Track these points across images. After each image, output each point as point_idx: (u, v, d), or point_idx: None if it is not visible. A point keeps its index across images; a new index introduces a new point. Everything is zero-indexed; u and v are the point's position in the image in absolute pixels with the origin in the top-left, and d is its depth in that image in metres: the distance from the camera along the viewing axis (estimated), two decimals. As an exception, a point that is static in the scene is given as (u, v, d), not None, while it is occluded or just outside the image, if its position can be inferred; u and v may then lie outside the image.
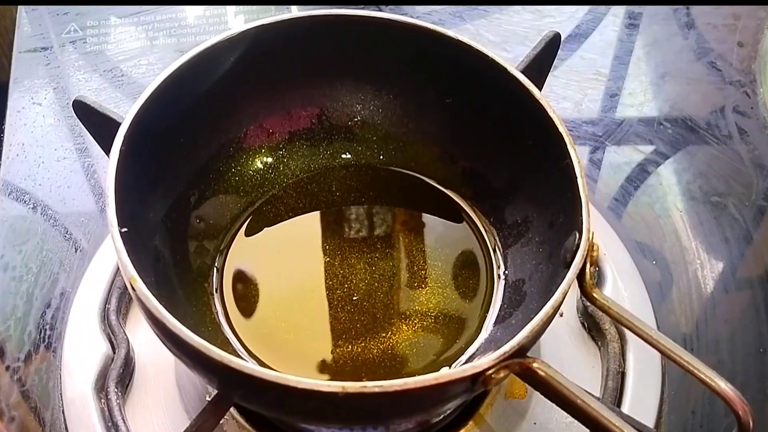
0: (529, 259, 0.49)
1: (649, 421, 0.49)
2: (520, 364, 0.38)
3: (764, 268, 0.60)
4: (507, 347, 0.37)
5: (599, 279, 0.56)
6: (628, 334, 0.53)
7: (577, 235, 0.41)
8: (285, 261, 0.53)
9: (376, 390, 0.35)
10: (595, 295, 0.42)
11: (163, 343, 0.39)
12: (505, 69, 0.48)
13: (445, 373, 0.36)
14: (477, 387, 0.38)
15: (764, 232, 0.61)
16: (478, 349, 0.48)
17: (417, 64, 0.53)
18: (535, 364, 0.38)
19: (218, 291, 0.51)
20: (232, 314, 0.50)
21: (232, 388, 0.39)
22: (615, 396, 0.50)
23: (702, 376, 0.38)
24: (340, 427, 0.45)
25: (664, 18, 0.77)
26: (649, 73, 0.73)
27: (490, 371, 0.37)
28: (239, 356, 0.48)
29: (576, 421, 0.42)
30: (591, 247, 0.41)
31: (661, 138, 0.68)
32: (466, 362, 0.48)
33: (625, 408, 0.50)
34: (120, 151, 0.42)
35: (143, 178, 0.46)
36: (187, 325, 0.37)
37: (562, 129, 0.45)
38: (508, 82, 0.48)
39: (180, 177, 0.51)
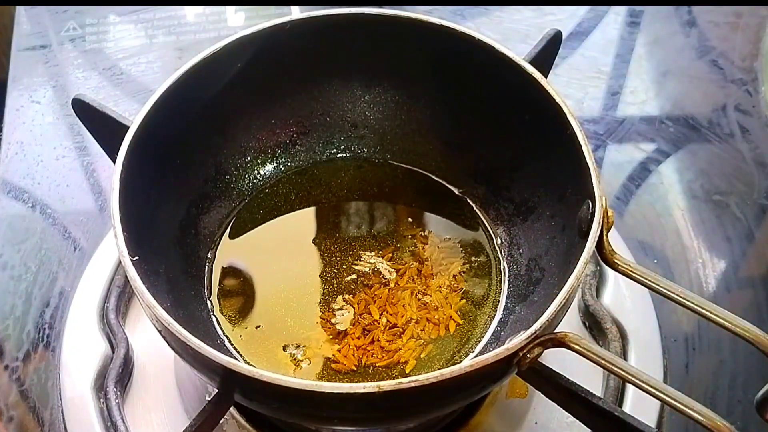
0: (542, 235, 0.50)
1: (651, 420, 0.49)
2: (553, 339, 0.37)
3: (766, 266, 0.59)
4: (538, 324, 0.37)
5: (600, 278, 0.56)
6: (629, 332, 0.53)
7: (590, 203, 0.41)
8: (281, 260, 0.53)
9: (413, 385, 0.34)
10: (616, 260, 0.41)
11: (183, 359, 0.40)
12: (493, 47, 0.48)
13: (480, 359, 0.35)
14: (512, 369, 0.38)
15: (766, 230, 0.61)
16: (503, 332, 0.48)
17: (402, 55, 0.53)
18: (567, 338, 0.37)
19: (213, 291, 0.51)
20: (227, 312, 0.50)
21: (274, 404, 0.39)
22: (616, 395, 0.50)
23: (738, 329, 0.37)
24: (370, 428, 0.45)
25: (665, 16, 0.77)
26: (651, 72, 0.73)
27: (525, 350, 0.37)
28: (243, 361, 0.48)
29: (577, 421, 0.42)
30: (606, 213, 0.41)
31: (663, 136, 0.67)
32: (486, 347, 0.48)
33: (627, 407, 0.50)
34: (120, 180, 0.42)
35: (146, 205, 0.46)
36: (199, 336, 0.37)
37: (558, 99, 0.45)
38: (498, 61, 0.48)
39: (181, 198, 0.51)
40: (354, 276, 0.51)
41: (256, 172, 0.56)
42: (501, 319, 0.50)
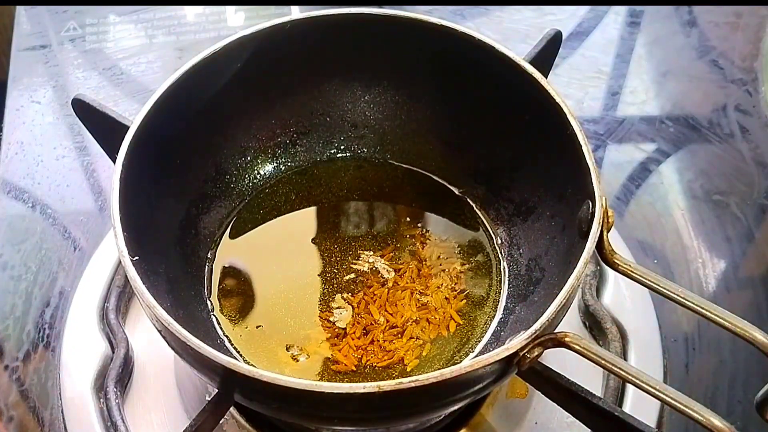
0: (542, 235, 0.50)
1: (651, 420, 0.49)
2: (553, 339, 0.37)
3: (766, 266, 0.59)
4: (538, 324, 0.37)
5: (600, 278, 0.56)
6: (629, 332, 0.53)
7: (590, 203, 0.41)
8: (280, 260, 0.53)
9: (413, 385, 0.34)
10: (616, 260, 0.41)
11: (183, 359, 0.40)
12: (493, 47, 0.48)
13: (480, 359, 0.36)
14: (512, 369, 0.38)
15: (766, 230, 0.61)
16: (503, 332, 0.48)
17: (402, 55, 0.53)
18: (567, 338, 0.37)
19: (213, 290, 0.51)
20: (227, 311, 0.50)
21: (278, 404, 0.39)
22: (616, 395, 0.50)
23: (737, 329, 0.37)
24: (370, 428, 0.45)
25: (665, 16, 0.77)
26: (651, 72, 0.73)
27: (524, 350, 0.37)
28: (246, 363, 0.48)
29: (577, 421, 0.42)
30: (606, 213, 0.41)
31: (663, 136, 0.67)
32: (486, 347, 0.48)
33: (627, 407, 0.50)
34: (120, 180, 0.42)
35: (146, 205, 0.46)
36: (199, 336, 0.37)
37: (559, 99, 0.45)
38: (498, 61, 0.48)
39: (181, 198, 0.51)
40: (353, 275, 0.51)
41: (256, 172, 0.56)
42: (501, 319, 0.50)
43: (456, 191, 0.56)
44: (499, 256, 0.53)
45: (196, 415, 0.40)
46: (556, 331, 0.39)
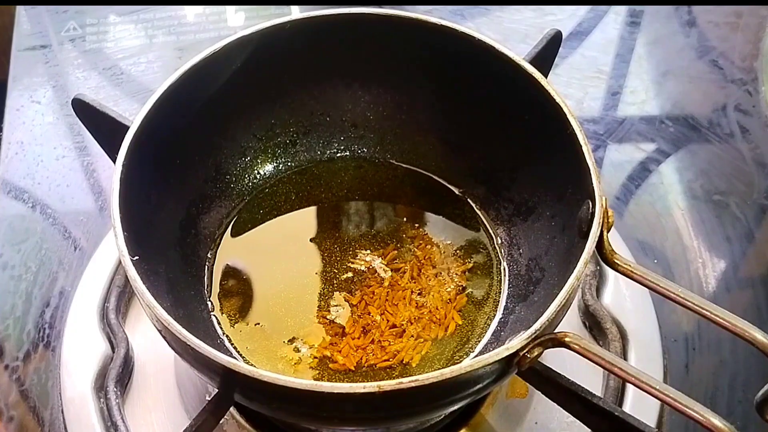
0: (542, 235, 0.50)
1: (651, 420, 0.49)
2: (553, 339, 0.38)
3: (766, 266, 0.59)
4: (538, 324, 0.37)
5: (600, 278, 0.56)
6: (629, 332, 0.53)
7: (590, 203, 0.41)
8: (280, 260, 0.53)
9: (413, 385, 0.34)
10: (616, 260, 0.41)
11: (183, 359, 0.40)
12: (493, 47, 0.48)
13: (480, 359, 0.36)
14: (512, 369, 0.38)
15: (766, 230, 0.61)
16: (503, 332, 0.48)
17: (402, 55, 0.53)
18: (567, 338, 0.37)
19: (213, 290, 0.51)
20: (228, 313, 0.50)
21: (276, 403, 0.39)
22: (616, 395, 0.50)
23: (738, 329, 0.37)
24: (370, 428, 0.45)
25: (665, 16, 0.77)
26: (651, 72, 0.73)
27: (524, 350, 0.37)
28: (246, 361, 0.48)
29: (577, 421, 0.42)
30: (606, 213, 0.41)
31: (663, 136, 0.67)
32: (486, 347, 0.48)
33: (627, 407, 0.50)
34: (120, 180, 0.42)
35: (146, 205, 0.46)
36: (199, 336, 0.37)
37: (559, 100, 0.45)
38: (498, 61, 0.48)
39: (181, 198, 0.51)
40: (350, 274, 0.51)
41: (256, 172, 0.56)
42: (501, 319, 0.50)
43: (456, 191, 0.56)
44: (499, 256, 0.53)
45: (196, 415, 0.40)
46: (556, 331, 0.39)
